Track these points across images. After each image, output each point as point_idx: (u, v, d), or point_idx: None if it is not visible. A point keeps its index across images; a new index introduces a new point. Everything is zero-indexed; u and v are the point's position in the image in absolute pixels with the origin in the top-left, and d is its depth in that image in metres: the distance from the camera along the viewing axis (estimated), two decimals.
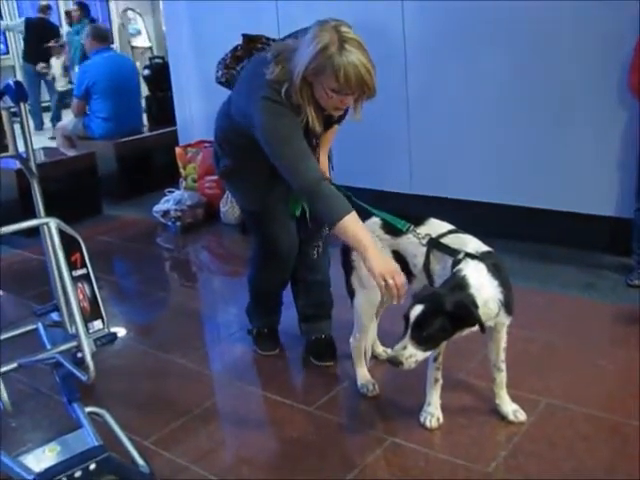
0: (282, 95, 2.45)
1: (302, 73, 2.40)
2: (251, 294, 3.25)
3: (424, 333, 2.20)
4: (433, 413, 2.54)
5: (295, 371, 3.18)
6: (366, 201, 2.62)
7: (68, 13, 11.33)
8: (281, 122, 2.47)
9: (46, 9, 10.41)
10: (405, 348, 2.22)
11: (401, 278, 2.35)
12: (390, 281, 2.30)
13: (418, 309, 2.21)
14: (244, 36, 2.87)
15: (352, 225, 2.39)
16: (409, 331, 2.22)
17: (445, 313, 2.19)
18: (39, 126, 10.54)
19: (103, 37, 6.50)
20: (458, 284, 2.25)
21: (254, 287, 3.22)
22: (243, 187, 2.93)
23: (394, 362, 2.23)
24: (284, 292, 3.22)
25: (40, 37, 10.23)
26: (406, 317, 2.23)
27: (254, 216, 2.99)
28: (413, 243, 2.52)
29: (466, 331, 2.27)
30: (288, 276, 3.13)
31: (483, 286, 2.26)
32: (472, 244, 2.41)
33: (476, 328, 2.24)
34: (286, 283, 3.18)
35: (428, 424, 2.53)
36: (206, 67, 4.38)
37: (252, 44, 2.84)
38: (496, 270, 2.32)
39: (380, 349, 3.05)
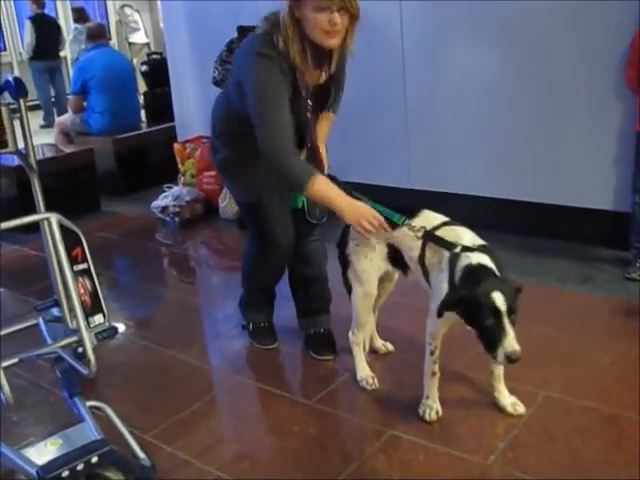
0: (275, 44, 2.51)
1: (288, 7, 2.48)
2: (246, 289, 3.26)
3: (513, 315, 2.15)
4: (432, 406, 2.56)
5: (294, 365, 3.19)
6: (364, 195, 2.65)
7: (75, 10, 11.29)
8: (272, 83, 2.53)
9: (40, 2, 10.32)
10: (514, 338, 2.13)
11: (374, 213, 2.51)
12: (365, 224, 2.50)
13: (501, 296, 2.14)
14: (239, 28, 2.89)
15: (323, 186, 2.55)
16: (507, 319, 2.13)
17: (518, 293, 2.20)
18: (52, 123, 10.39)
19: (97, 34, 6.59)
20: (486, 271, 2.25)
21: (250, 281, 3.23)
22: (240, 178, 2.93)
23: (518, 357, 2.13)
24: (280, 286, 3.24)
25: (44, 33, 10.19)
26: (493, 309, 2.13)
27: (251, 209, 2.98)
28: (409, 236, 2.52)
29: None
30: (284, 269, 3.15)
31: None
32: (467, 237, 2.41)
33: None
34: (281, 276, 3.19)
35: (427, 417, 2.54)
36: (204, 63, 4.39)
37: (246, 34, 2.85)
38: (496, 262, 2.33)
39: (379, 343, 3.07)
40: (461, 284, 2.29)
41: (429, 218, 2.54)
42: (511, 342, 2.12)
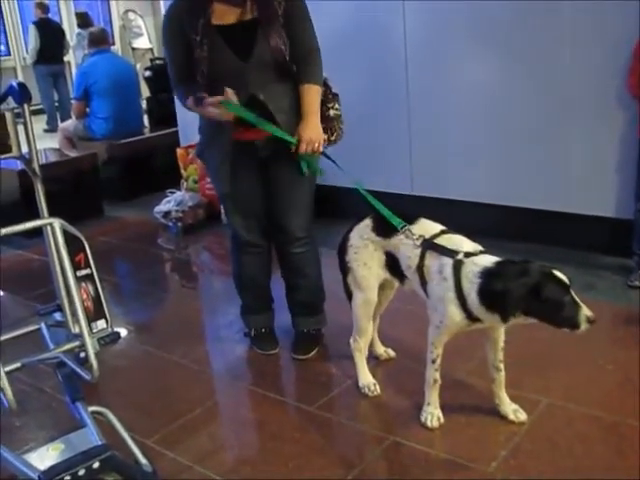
0: None
1: None
2: (239, 291, 3.26)
3: None
4: (433, 412, 2.55)
5: (296, 371, 3.18)
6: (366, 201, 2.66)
7: (79, 15, 11.34)
8: (168, 26, 2.83)
9: (44, 7, 10.38)
10: None
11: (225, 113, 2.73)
12: (217, 117, 2.76)
13: (558, 271, 2.23)
14: None
15: (194, 103, 2.80)
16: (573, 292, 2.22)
17: None
18: (55, 127, 10.39)
19: (99, 40, 6.59)
20: (511, 263, 2.28)
21: (238, 282, 3.24)
22: (213, 165, 2.99)
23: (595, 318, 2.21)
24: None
25: (48, 37, 10.24)
26: (563, 284, 2.20)
27: (223, 201, 3.11)
28: (406, 244, 2.52)
29: None
30: (265, 268, 3.17)
31: None
32: (466, 244, 2.42)
33: None
34: (267, 276, 3.21)
35: (429, 423, 2.54)
36: None
37: None
38: None
39: (381, 349, 3.06)
40: (490, 288, 2.25)
41: (426, 226, 2.54)
42: (585, 307, 2.18)
